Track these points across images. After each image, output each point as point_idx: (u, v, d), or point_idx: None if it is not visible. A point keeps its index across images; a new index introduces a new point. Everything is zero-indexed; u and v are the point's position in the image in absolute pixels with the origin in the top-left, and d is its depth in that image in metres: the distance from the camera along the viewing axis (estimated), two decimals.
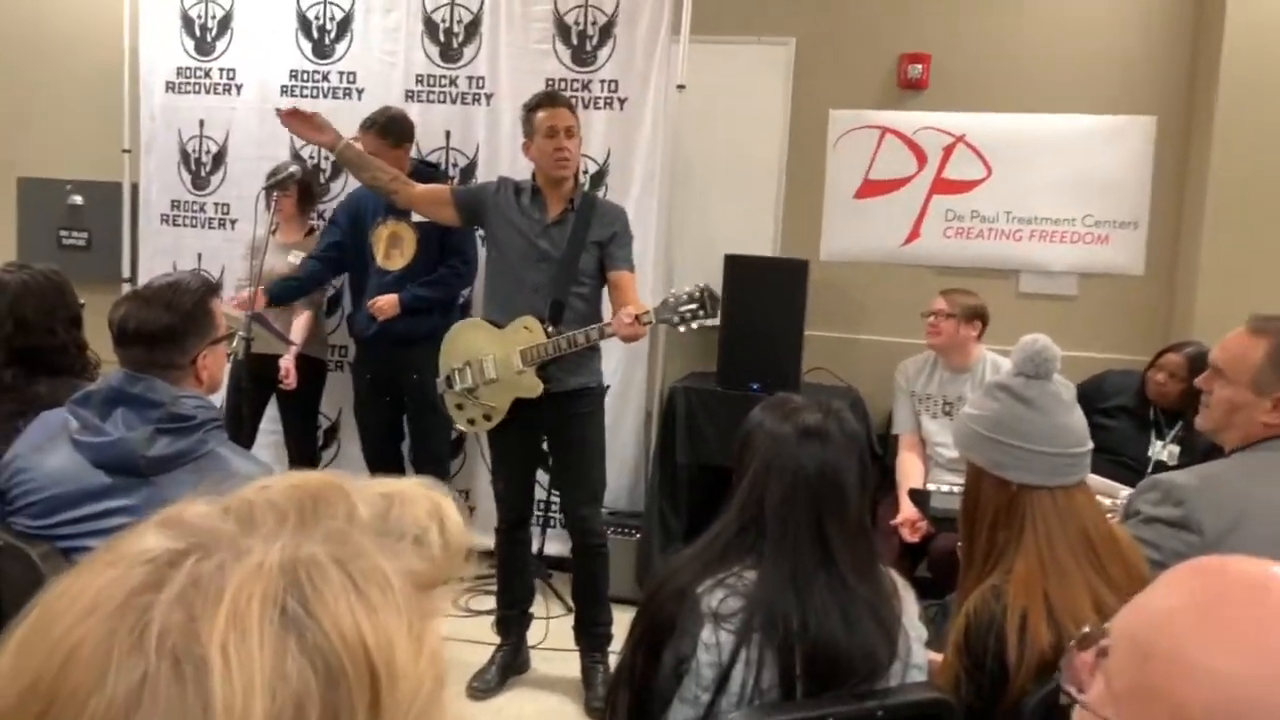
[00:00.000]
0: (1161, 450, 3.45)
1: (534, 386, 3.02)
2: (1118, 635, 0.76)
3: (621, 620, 2.95)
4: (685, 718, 1.48)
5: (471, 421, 3.20)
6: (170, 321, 1.86)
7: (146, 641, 0.42)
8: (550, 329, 2.99)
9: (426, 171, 3.90)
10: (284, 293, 3.91)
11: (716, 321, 2.90)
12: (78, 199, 4.91)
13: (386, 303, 3.79)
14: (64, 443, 1.83)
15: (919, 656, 1.60)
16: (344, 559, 0.47)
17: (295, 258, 4.00)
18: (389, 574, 0.48)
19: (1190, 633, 0.69)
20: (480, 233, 3.87)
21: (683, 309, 2.82)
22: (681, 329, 2.89)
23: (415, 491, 0.54)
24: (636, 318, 2.82)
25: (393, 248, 3.91)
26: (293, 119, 3.21)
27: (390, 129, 3.84)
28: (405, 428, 4.12)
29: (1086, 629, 0.80)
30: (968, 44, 4.18)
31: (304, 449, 4.18)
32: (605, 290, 3.16)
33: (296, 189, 4.06)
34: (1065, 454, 1.67)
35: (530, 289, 3.06)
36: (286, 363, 3.89)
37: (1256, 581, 0.71)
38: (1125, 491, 2.35)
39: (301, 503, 0.50)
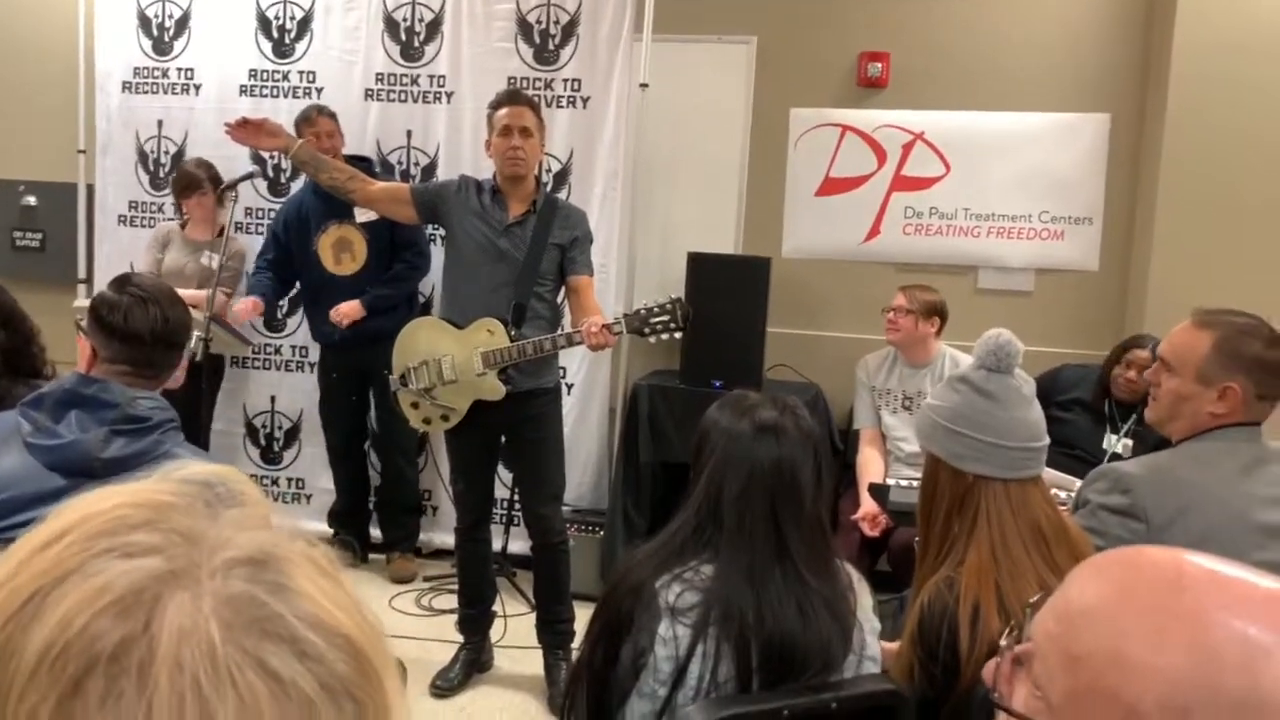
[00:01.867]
0: (1116, 443, 3.51)
1: (496, 389, 3.00)
2: (1040, 639, 0.74)
3: (584, 617, 2.95)
4: (643, 712, 1.49)
5: (427, 421, 3.16)
6: (180, 321, 1.89)
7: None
8: (513, 332, 2.98)
9: (359, 164, 3.87)
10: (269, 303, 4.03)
11: (679, 334, 2.91)
12: (31, 200, 4.83)
13: (349, 309, 3.78)
14: (15, 446, 1.80)
15: (873, 649, 1.62)
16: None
17: (207, 258, 3.98)
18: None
19: (1119, 629, 0.69)
20: (434, 230, 3.87)
21: (654, 320, 2.82)
22: (651, 339, 2.89)
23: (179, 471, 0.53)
24: (606, 327, 2.82)
25: (342, 252, 3.90)
26: (242, 130, 3.13)
27: (336, 113, 3.93)
28: (372, 425, 4.12)
29: (1002, 640, 0.79)
30: (927, 42, 4.22)
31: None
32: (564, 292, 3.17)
33: (211, 187, 4.07)
34: (1023, 448, 1.69)
35: (489, 289, 3.04)
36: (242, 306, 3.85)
37: (1170, 567, 0.71)
38: (1078, 484, 2.39)
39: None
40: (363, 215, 3.74)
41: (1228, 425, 1.89)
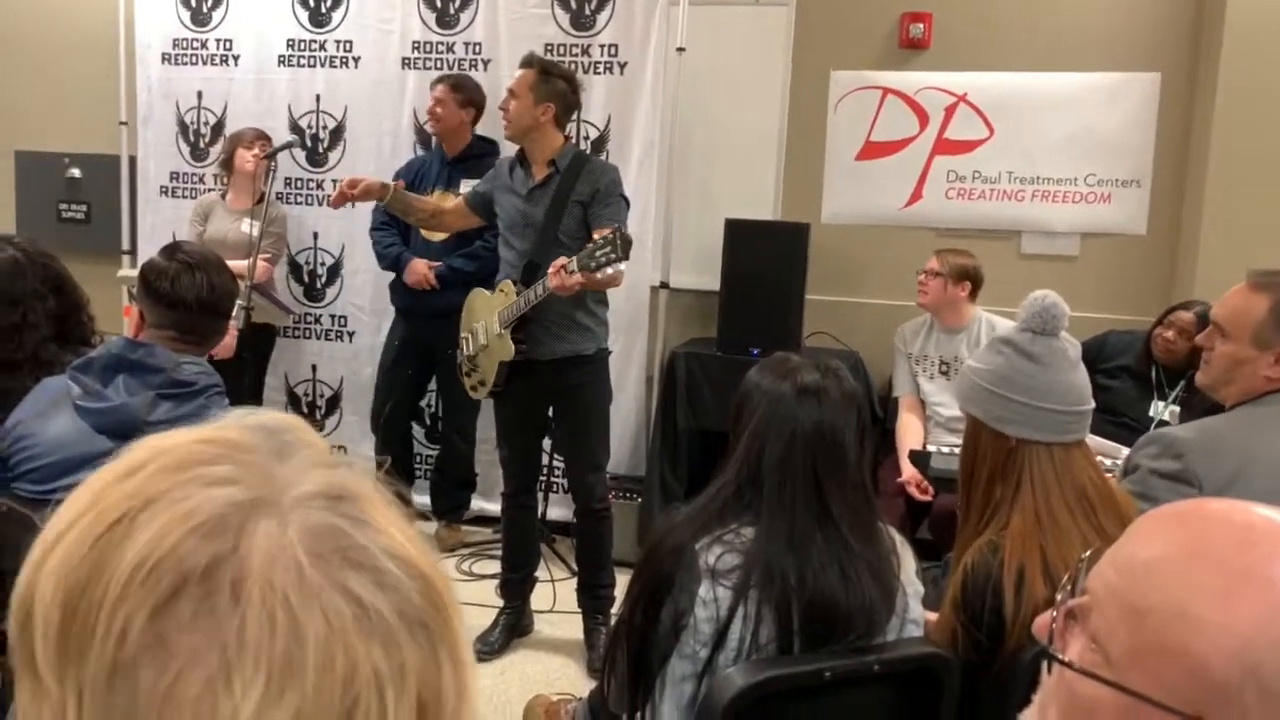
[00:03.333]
0: (1163, 410, 3.45)
1: (508, 350, 3.03)
2: (1100, 592, 0.73)
3: (624, 583, 2.97)
4: (683, 673, 1.50)
5: (474, 389, 3.25)
6: (226, 289, 1.92)
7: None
8: (520, 289, 3.00)
9: (485, 145, 3.88)
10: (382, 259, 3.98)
11: (625, 264, 2.85)
12: (76, 172, 4.90)
13: (418, 266, 3.78)
14: (65, 409, 1.84)
15: (915, 612, 1.61)
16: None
17: (247, 226, 3.98)
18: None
19: (1186, 584, 0.67)
20: None
21: (598, 253, 2.79)
22: (599, 275, 2.81)
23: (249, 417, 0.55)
24: (562, 268, 2.80)
25: None
26: (341, 200, 3.26)
27: (461, 85, 3.88)
28: (433, 397, 4.17)
29: (1057, 595, 0.77)
30: (969, 2, 4.13)
31: None
32: None
33: (261, 148, 4.05)
34: (1067, 411, 1.66)
35: (520, 254, 3.07)
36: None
37: (1241, 522, 0.69)
38: (1125, 452, 2.35)
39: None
40: (467, 186, 3.72)
41: None
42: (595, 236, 2.94)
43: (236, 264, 3.67)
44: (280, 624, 0.44)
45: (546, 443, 3.49)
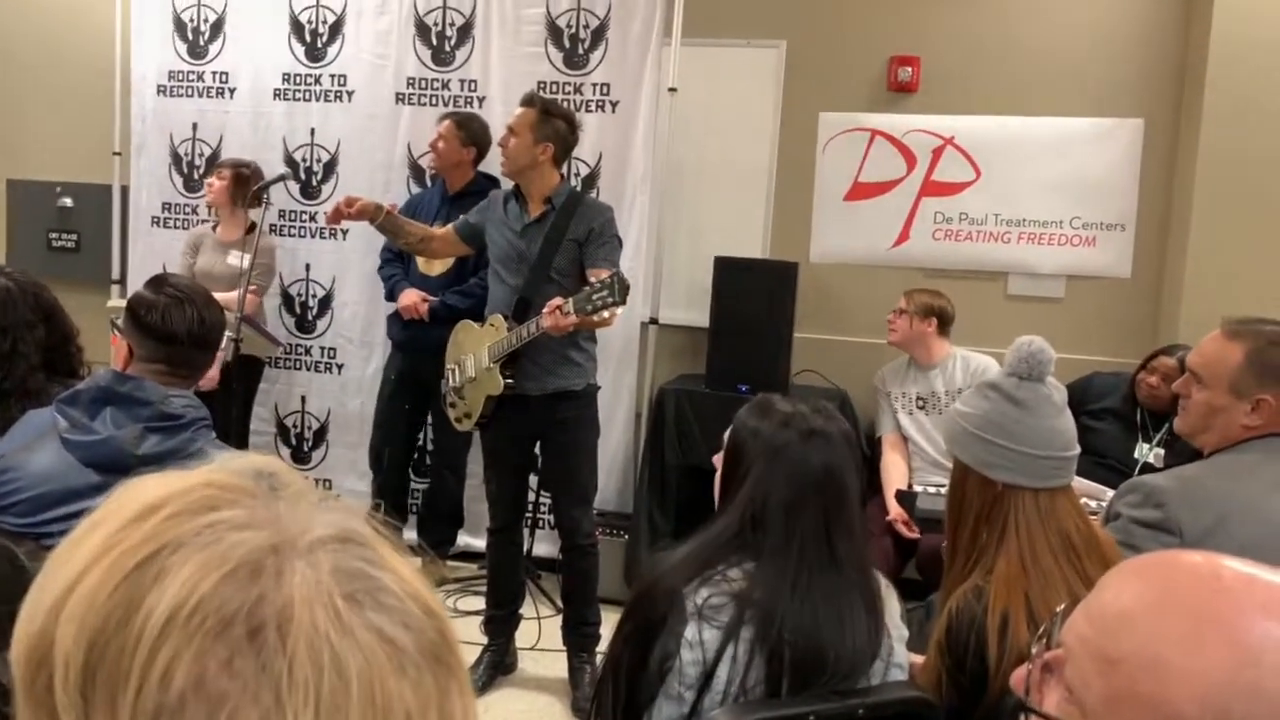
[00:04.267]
0: (1148, 453, 3.48)
1: (497, 384, 3.04)
2: (1074, 643, 0.74)
3: (610, 621, 2.96)
4: (670, 715, 1.49)
5: (459, 420, 3.26)
6: (215, 322, 1.93)
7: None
8: (511, 325, 3.01)
9: (486, 182, 3.87)
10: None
11: (622, 309, 2.87)
12: (67, 201, 4.91)
13: (410, 295, 3.79)
14: (51, 441, 1.83)
15: (900, 656, 1.61)
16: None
17: (235, 258, 3.98)
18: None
19: (1156, 633, 0.68)
20: None
21: (595, 297, 2.80)
22: (595, 318, 2.81)
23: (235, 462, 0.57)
24: (558, 308, 2.81)
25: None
26: (339, 218, 3.29)
27: (466, 124, 3.90)
28: (424, 433, 4.18)
29: (1032, 647, 0.78)
30: (957, 46, 4.20)
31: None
32: None
33: (232, 178, 4.07)
34: (1053, 457, 1.67)
35: (511, 289, 3.09)
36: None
37: (1207, 571, 0.71)
38: (1110, 494, 2.36)
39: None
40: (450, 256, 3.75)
41: (1261, 436, 1.86)
42: (590, 277, 2.96)
43: (224, 296, 3.68)
44: (326, 663, 0.46)
45: (533, 479, 3.49)
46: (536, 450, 3.31)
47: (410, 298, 3.81)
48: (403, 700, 0.48)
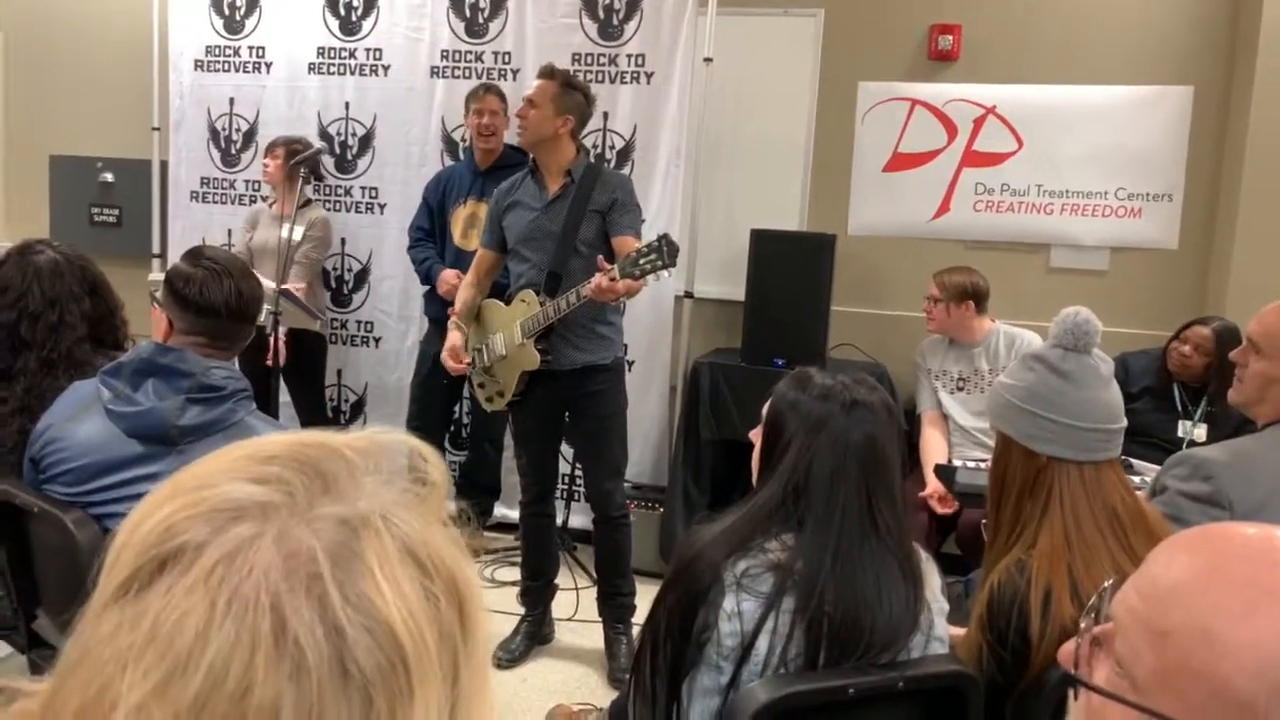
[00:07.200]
0: (1192, 429, 3.41)
1: (533, 360, 3.03)
2: (1124, 617, 0.73)
3: (644, 592, 2.97)
4: (707, 685, 1.49)
5: (490, 400, 3.25)
6: (252, 295, 1.94)
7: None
8: (544, 299, 3.00)
9: (516, 155, 3.81)
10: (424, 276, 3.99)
11: (672, 270, 2.84)
12: (108, 176, 4.97)
13: (451, 282, 3.77)
14: (96, 412, 1.86)
15: (940, 629, 1.59)
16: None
17: (286, 231, 3.99)
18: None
19: (1208, 605, 0.67)
20: None
21: (643, 261, 2.78)
22: (642, 281, 2.80)
23: (386, 434, 0.59)
24: (605, 274, 2.79)
25: (470, 228, 3.91)
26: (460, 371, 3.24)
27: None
28: (460, 406, 4.20)
29: (1080, 621, 0.77)
30: (999, 14, 4.11)
31: (315, 424, 4.23)
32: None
33: (285, 155, 4.08)
34: (1098, 429, 1.64)
35: (536, 266, 3.08)
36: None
37: (1261, 542, 0.69)
38: (1154, 470, 2.32)
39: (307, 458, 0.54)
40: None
41: None
42: (617, 245, 2.95)
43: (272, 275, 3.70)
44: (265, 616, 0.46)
45: (567, 451, 3.49)
46: (567, 421, 3.31)
47: (449, 278, 3.81)
48: (272, 690, 0.45)
